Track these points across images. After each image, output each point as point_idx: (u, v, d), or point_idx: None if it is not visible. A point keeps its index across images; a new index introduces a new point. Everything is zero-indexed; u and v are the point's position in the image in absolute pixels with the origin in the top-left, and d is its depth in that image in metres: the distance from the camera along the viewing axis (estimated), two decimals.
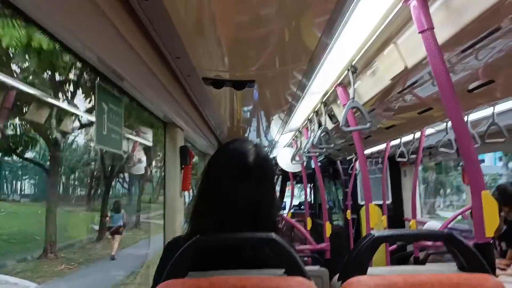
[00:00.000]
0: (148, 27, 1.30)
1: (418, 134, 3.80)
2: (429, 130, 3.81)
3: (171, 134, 2.18)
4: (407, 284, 1.12)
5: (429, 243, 3.58)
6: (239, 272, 1.11)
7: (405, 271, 1.20)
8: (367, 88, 2.27)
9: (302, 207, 9.49)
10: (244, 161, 1.22)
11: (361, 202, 6.06)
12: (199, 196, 1.27)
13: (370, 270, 1.20)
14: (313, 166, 6.95)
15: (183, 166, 2.22)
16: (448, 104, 1.33)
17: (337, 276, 1.29)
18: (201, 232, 1.13)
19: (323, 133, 2.90)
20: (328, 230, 3.77)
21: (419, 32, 1.36)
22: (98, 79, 1.25)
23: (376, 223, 2.31)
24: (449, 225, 3.78)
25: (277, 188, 8.54)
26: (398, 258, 4.15)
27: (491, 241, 1.30)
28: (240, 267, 1.13)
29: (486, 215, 1.28)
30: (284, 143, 5.39)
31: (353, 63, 2.03)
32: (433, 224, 3.97)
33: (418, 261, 3.60)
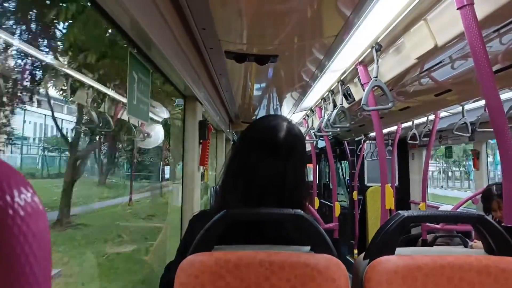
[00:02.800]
0: None
1: (431, 117, 3.76)
2: (440, 114, 3.77)
3: (190, 108, 2.15)
4: (436, 265, 1.11)
5: (438, 226, 3.59)
6: (265, 247, 1.10)
7: (433, 252, 1.19)
8: (389, 67, 2.22)
9: None
10: (274, 136, 1.20)
11: (367, 183, 6.08)
12: (227, 169, 1.26)
13: (397, 250, 1.19)
14: (319, 146, 6.96)
15: (201, 140, 2.20)
16: (484, 82, 1.30)
17: (362, 255, 1.28)
18: (227, 206, 1.12)
19: (339, 112, 2.87)
20: (337, 210, 3.78)
21: (458, 8, 1.31)
22: (130, 47, 1.22)
23: (391, 204, 2.30)
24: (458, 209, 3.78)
25: None
26: (405, 239, 4.17)
27: None
28: (261, 243, 1.12)
29: None
30: (294, 123, 5.35)
31: (378, 40, 1.98)
32: (447, 208, 3.96)
33: (425, 244, 3.61)
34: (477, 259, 1.12)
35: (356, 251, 5.47)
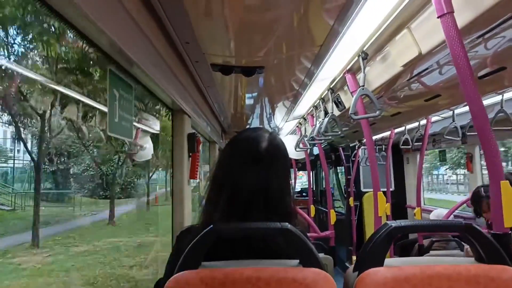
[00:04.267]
0: (158, 11, 1.26)
1: (423, 122, 3.77)
2: (433, 118, 3.77)
3: (178, 121, 2.15)
4: (424, 275, 1.10)
5: None
6: (252, 262, 1.08)
7: (422, 263, 1.18)
8: (377, 75, 2.23)
9: (303, 194, 9.52)
10: (256, 148, 1.20)
11: (363, 189, 6.06)
12: (211, 183, 1.25)
13: (386, 261, 1.18)
14: (315, 153, 6.95)
15: (190, 153, 2.20)
16: (467, 89, 1.29)
17: (352, 267, 1.27)
18: (212, 220, 1.11)
19: (330, 120, 2.86)
20: (332, 217, 3.76)
21: (438, 17, 1.31)
22: (110, 65, 1.21)
23: (384, 211, 2.29)
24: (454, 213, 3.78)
25: None
26: (402, 245, 4.15)
27: (510, 232, 1.27)
28: (251, 257, 1.11)
29: (505, 205, 1.26)
30: (288, 131, 5.36)
31: (364, 49, 1.99)
32: (441, 212, 3.95)
33: (422, 249, 3.59)
34: (466, 268, 1.11)
35: (354, 257, 5.45)
